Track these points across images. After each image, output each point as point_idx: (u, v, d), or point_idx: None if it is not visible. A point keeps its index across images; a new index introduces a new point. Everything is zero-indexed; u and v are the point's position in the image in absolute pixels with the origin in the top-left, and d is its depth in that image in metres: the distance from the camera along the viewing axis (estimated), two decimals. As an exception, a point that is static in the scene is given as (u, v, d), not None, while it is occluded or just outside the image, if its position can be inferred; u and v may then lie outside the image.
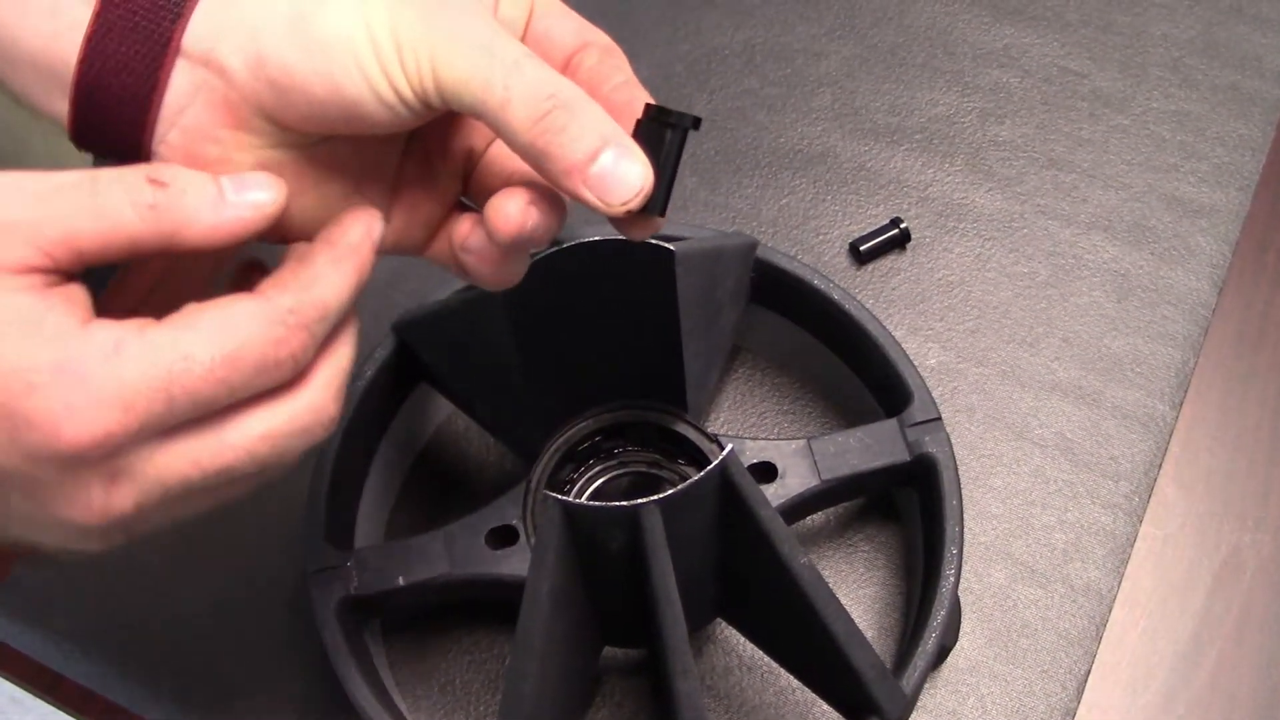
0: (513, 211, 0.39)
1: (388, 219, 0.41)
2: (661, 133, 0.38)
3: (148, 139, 0.37)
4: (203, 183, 0.35)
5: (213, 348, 0.33)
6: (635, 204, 0.37)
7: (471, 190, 0.42)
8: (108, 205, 0.34)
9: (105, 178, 0.34)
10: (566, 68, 0.40)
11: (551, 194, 0.40)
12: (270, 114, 0.36)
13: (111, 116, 0.36)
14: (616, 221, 0.39)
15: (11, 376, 0.32)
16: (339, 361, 0.37)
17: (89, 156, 0.39)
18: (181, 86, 0.36)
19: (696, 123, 0.39)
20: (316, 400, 0.36)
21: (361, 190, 0.40)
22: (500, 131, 0.36)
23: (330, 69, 0.35)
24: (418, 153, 0.42)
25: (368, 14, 0.35)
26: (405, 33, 0.35)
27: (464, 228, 0.41)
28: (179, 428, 0.34)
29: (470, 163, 0.42)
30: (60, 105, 0.37)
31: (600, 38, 0.40)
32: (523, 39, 0.40)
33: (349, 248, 0.37)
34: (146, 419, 0.33)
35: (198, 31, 0.36)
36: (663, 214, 0.39)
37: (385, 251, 0.40)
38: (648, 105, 0.39)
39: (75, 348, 0.33)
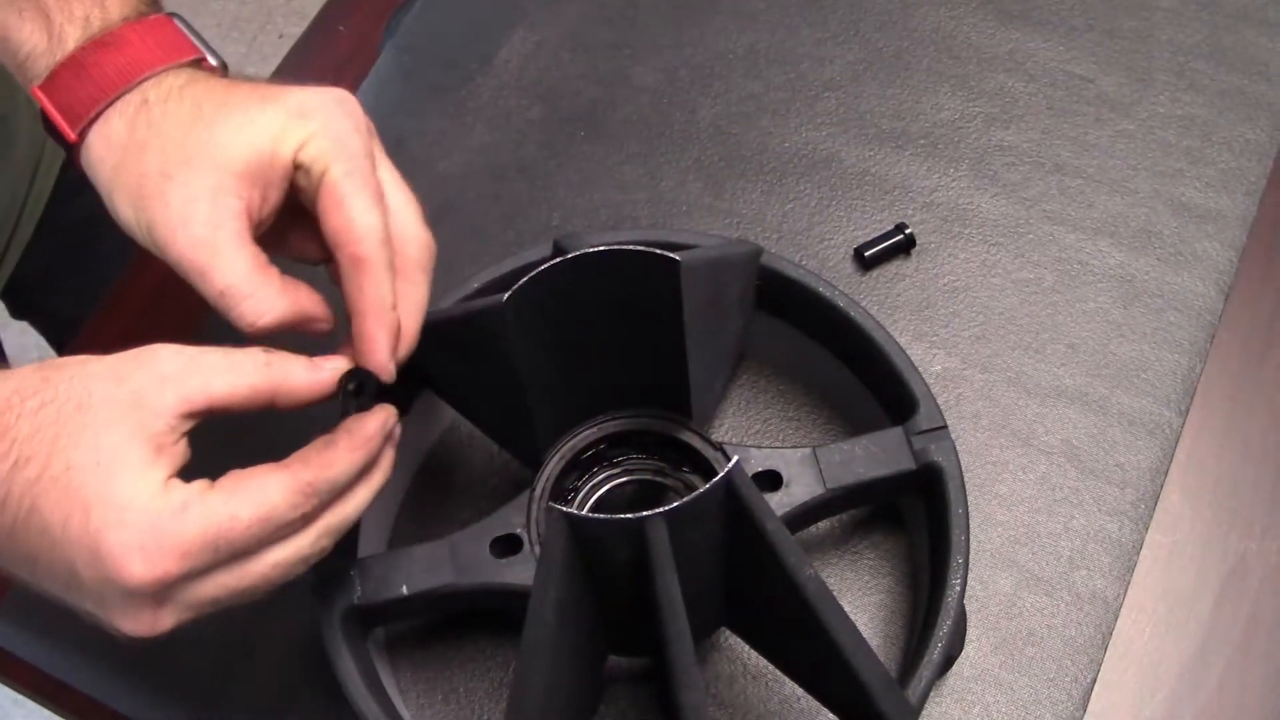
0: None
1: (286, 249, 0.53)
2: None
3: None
4: (299, 358, 0.47)
5: (251, 510, 0.43)
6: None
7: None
8: (237, 362, 0.45)
9: (235, 351, 0.46)
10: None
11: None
12: None
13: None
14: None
15: (112, 507, 0.41)
16: (341, 513, 0.46)
17: None
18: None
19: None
20: (317, 541, 0.45)
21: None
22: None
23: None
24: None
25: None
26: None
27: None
28: (216, 566, 0.43)
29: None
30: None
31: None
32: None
33: (364, 438, 0.46)
34: (196, 564, 0.42)
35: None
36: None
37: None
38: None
39: (159, 503, 0.42)
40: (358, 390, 0.47)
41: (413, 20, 0.80)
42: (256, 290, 0.47)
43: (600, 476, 0.60)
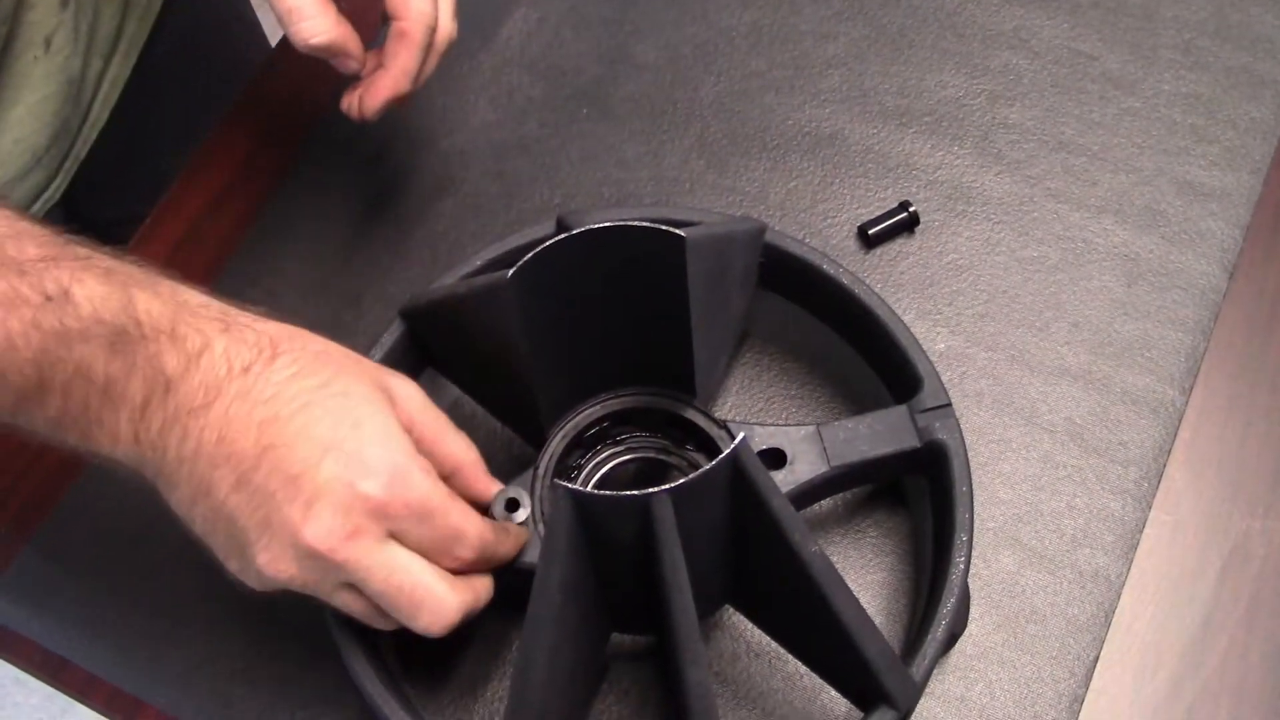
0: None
1: None
2: None
3: None
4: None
5: (459, 519, 0.48)
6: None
7: None
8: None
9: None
10: None
11: None
12: None
13: None
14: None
15: (381, 434, 0.47)
16: (475, 597, 0.50)
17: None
18: None
19: None
20: (460, 601, 0.49)
21: None
22: None
23: None
24: None
25: None
26: None
27: None
28: (400, 541, 0.47)
29: None
30: None
31: None
32: None
33: (517, 543, 0.53)
34: (407, 516, 0.46)
35: None
36: None
37: None
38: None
39: (410, 458, 0.47)
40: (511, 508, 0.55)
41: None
42: (317, 15, 0.57)
43: (604, 454, 0.60)
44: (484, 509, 0.54)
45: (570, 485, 0.47)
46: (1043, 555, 0.61)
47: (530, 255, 0.51)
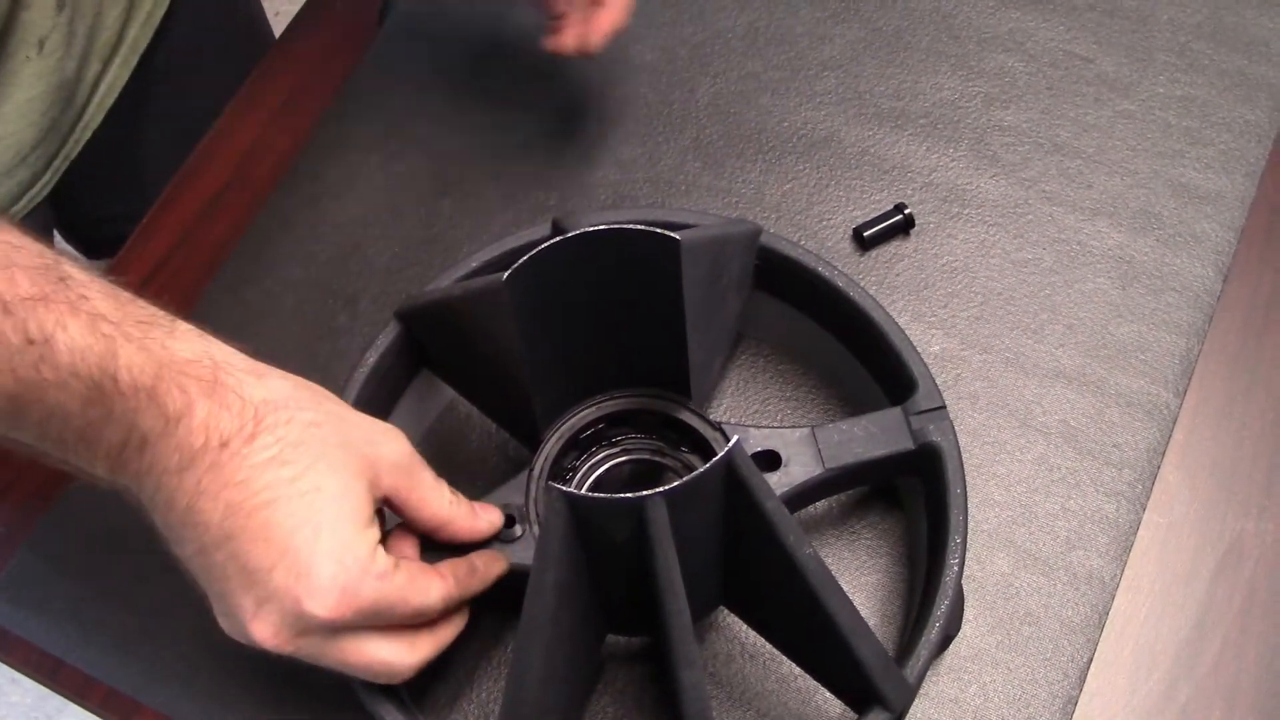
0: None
1: None
2: None
3: None
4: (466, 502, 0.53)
5: (418, 600, 0.48)
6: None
7: None
8: (440, 489, 0.52)
9: (438, 479, 0.53)
10: None
11: None
12: None
13: None
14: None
15: (339, 544, 0.46)
16: (437, 643, 0.51)
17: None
18: None
19: None
20: (419, 659, 0.50)
21: None
22: None
23: None
24: None
25: None
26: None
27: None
28: (364, 629, 0.47)
29: None
30: None
31: None
32: None
33: (486, 579, 0.53)
34: (359, 620, 0.46)
35: None
36: None
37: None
38: None
39: (370, 561, 0.47)
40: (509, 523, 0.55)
41: (410, -2, 0.80)
42: None
43: (599, 456, 0.60)
44: None
45: (564, 488, 0.47)
46: (1037, 557, 0.61)
47: (525, 258, 0.51)
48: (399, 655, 0.49)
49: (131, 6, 0.79)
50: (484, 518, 0.53)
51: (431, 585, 0.49)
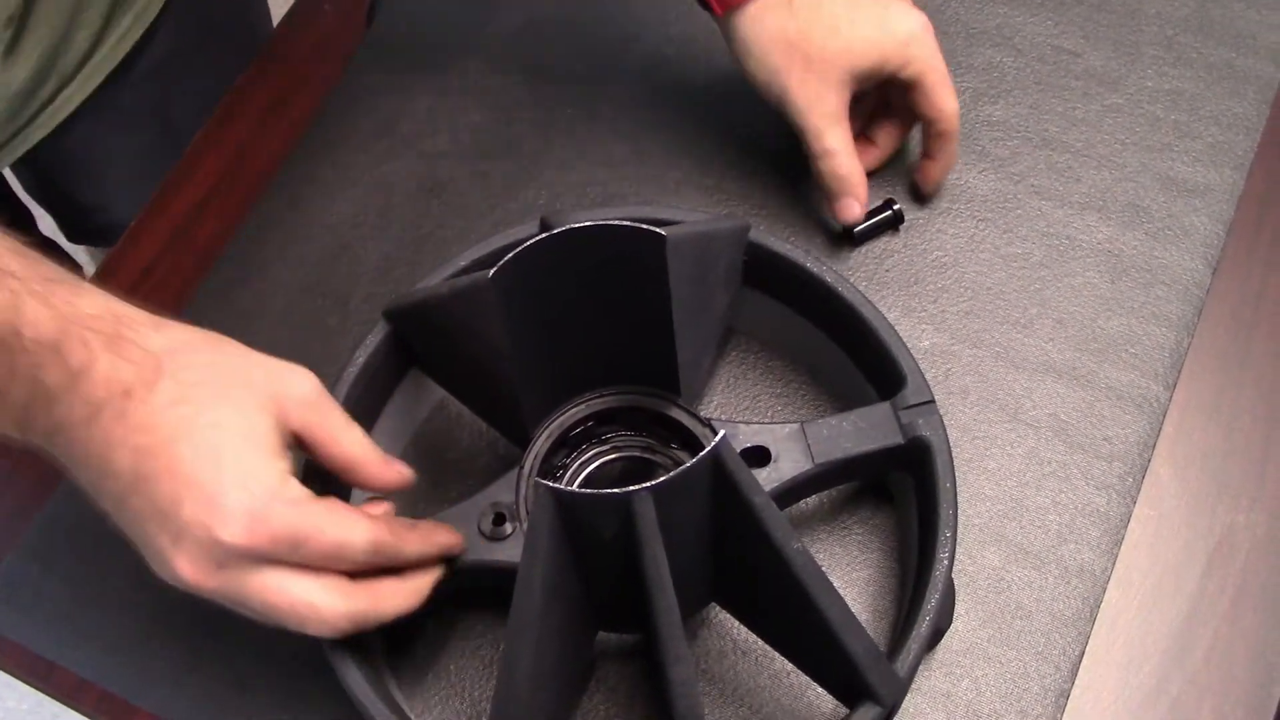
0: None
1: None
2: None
3: None
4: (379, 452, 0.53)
5: (336, 532, 0.47)
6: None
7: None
8: (351, 427, 0.51)
9: (351, 420, 0.52)
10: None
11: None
12: None
13: None
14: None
15: (244, 471, 0.46)
16: (376, 606, 0.50)
17: None
18: None
19: None
20: (347, 608, 0.49)
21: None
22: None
23: None
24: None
25: None
26: None
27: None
28: (280, 563, 0.47)
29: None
30: None
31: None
32: None
33: (433, 544, 0.53)
34: (274, 551, 0.46)
35: None
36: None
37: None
38: None
39: (280, 487, 0.47)
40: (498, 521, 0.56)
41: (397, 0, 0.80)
42: (854, 151, 0.67)
43: (589, 454, 0.60)
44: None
45: (551, 484, 0.47)
46: (1028, 551, 0.61)
47: (510, 255, 0.51)
48: (325, 599, 0.48)
49: (106, 27, 0.78)
50: (395, 468, 0.53)
51: (356, 523, 0.48)
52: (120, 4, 0.79)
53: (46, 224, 0.99)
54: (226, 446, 0.46)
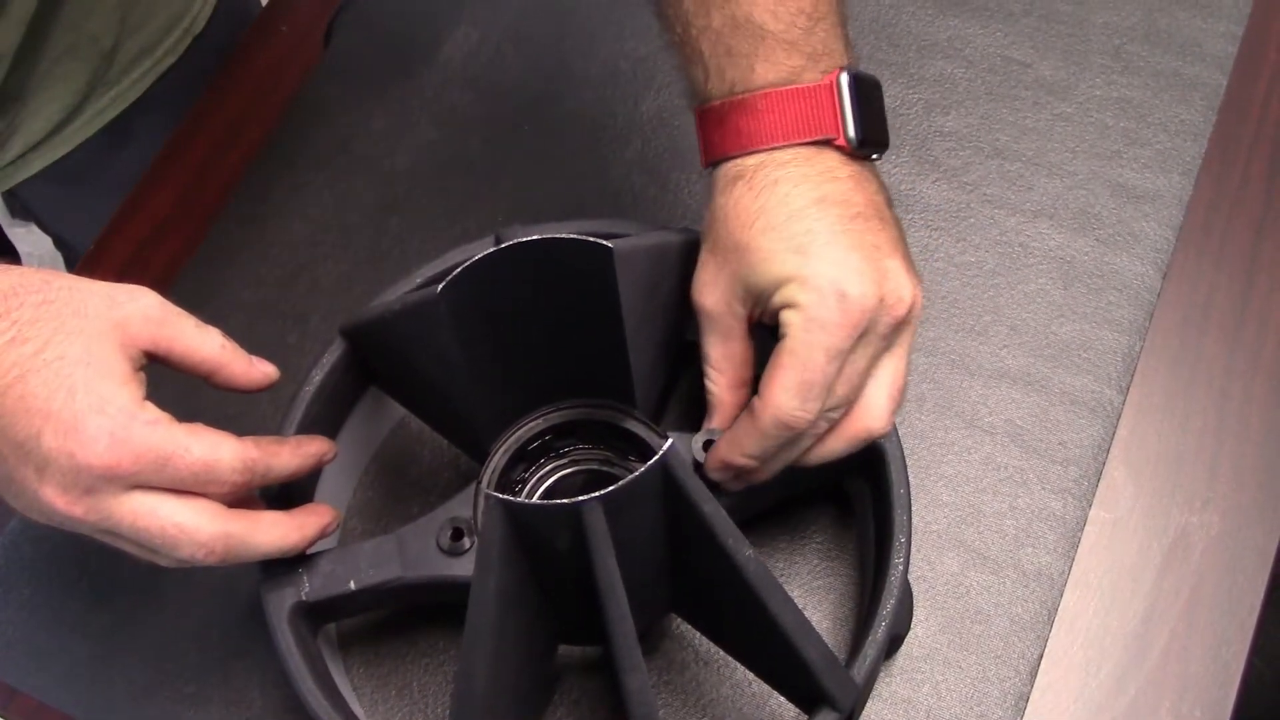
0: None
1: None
2: None
3: None
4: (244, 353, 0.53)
5: (202, 451, 0.48)
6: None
7: None
8: (204, 333, 0.51)
9: (203, 324, 0.52)
10: None
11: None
12: None
13: None
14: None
15: (96, 397, 0.46)
16: (246, 538, 0.50)
17: None
18: None
19: None
20: (218, 532, 0.49)
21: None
22: None
23: None
24: None
25: None
26: None
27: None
28: (149, 486, 0.47)
29: None
30: None
31: None
32: None
33: (306, 454, 0.54)
34: (141, 471, 0.47)
35: None
36: None
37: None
38: None
39: (136, 409, 0.47)
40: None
41: (354, 19, 0.80)
42: (729, 377, 0.55)
43: (547, 467, 0.60)
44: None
45: (500, 495, 0.47)
46: (986, 556, 0.62)
47: (459, 270, 0.52)
48: (195, 519, 0.48)
49: (74, 114, 0.79)
50: (259, 366, 0.53)
51: (223, 440, 0.49)
52: (99, 85, 0.79)
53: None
54: (77, 376, 0.47)
